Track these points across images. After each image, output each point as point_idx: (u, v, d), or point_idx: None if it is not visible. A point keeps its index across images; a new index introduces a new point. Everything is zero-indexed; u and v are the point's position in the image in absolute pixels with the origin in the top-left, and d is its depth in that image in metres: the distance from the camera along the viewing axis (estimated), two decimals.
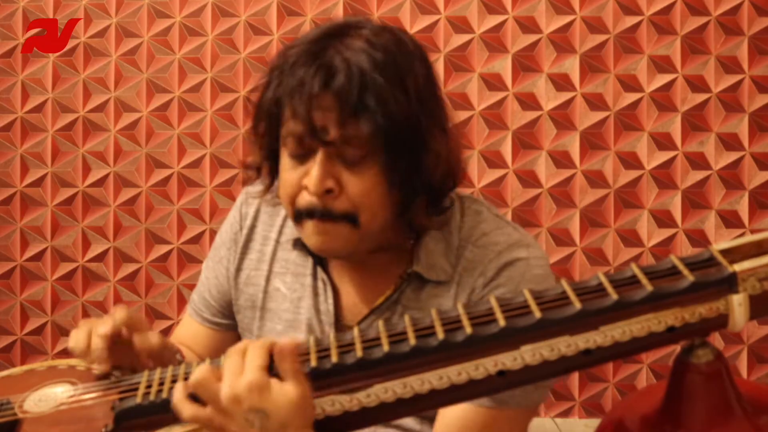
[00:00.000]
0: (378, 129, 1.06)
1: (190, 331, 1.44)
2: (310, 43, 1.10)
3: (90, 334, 1.10)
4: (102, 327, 1.09)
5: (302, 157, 1.10)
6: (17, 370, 1.12)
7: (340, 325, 1.25)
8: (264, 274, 1.31)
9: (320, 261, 1.26)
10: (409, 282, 1.21)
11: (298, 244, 1.24)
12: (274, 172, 1.20)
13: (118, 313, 1.13)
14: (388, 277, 1.23)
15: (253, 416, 0.86)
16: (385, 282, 1.23)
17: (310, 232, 1.13)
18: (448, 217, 1.23)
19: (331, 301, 1.25)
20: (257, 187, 1.28)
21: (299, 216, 1.13)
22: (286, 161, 1.13)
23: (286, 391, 0.87)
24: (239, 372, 0.88)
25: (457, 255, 1.21)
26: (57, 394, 1.03)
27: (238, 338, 1.39)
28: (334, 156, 1.09)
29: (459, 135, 1.23)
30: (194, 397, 0.90)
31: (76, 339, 1.10)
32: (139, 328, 1.15)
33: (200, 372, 0.88)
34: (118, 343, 1.11)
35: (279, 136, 1.14)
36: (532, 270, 1.19)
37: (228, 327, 1.40)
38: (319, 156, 1.08)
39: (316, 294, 1.26)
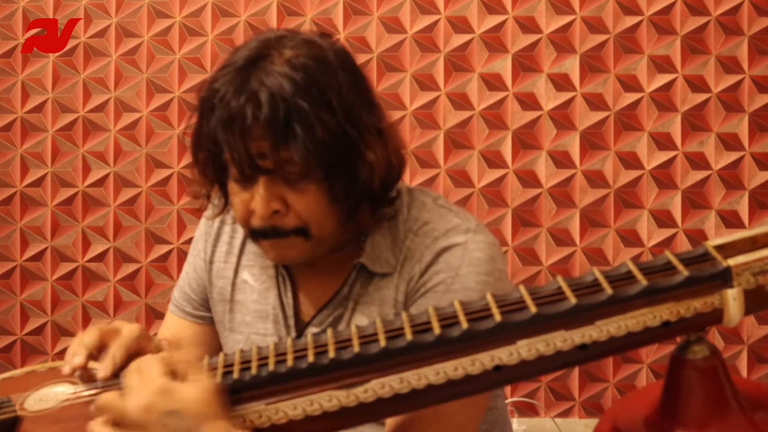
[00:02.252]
0: (309, 152, 1.09)
1: (173, 328, 1.44)
2: (236, 73, 1.11)
3: (88, 352, 1.09)
4: (102, 372, 1.06)
5: (246, 182, 1.13)
6: (18, 372, 1.13)
7: (298, 319, 1.29)
8: (232, 267, 1.34)
9: None
10: (358, 276, 1.24)
11: None
12: (225, 189, 1.23)
13: (117, 353, 1.08)
14: (341, 272, 1.26)
15: (166, 419, 0.87)
16: (337, 276, 1.26)
17: (266, 249, 1.19)
18: (395, 210, 1.26)
19: (290, 294, 1.28)
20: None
21: (253, 236, 1.18)
22: (233, 186, 1.16)
23: (189, 386, 0.88)
24: (141, 385, 0.88)
25: (401, 246, 1.24)
26: (57, 393, 1.03)
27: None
28: (276, 178, 1.12)
29: (395, 132, 1.24)
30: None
31: (74, 357, 1.08)
32: (137, 351, 1.13)
33: (103, 396, 0.89)
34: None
35: (222, 162, 1.16)
36: (471, 254, 1.20)
37: (209, 320, 1.41)
38: (261, 181, 1.12)
39: (281, 285, 1.30)
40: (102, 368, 1.06)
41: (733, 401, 0.90)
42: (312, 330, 1.27)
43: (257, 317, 1.30)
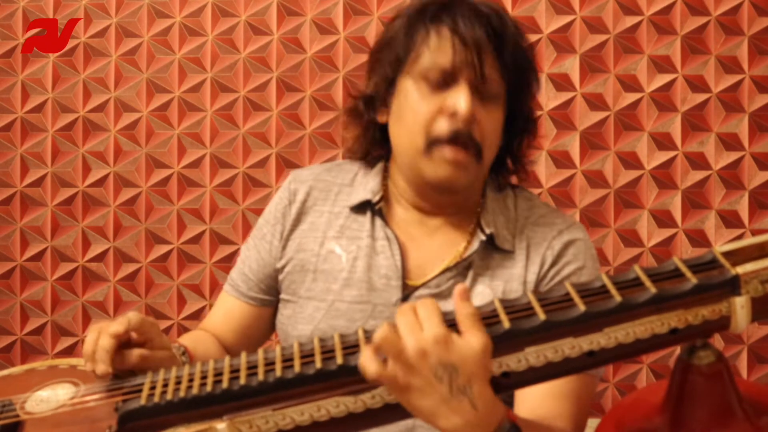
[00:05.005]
0: (520, 70, 1.26)
1: (224, 308, 1.50)
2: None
3: (100, 333, 1.10)
4: (114, 327, 1.09)
5: (440, 86, 1.22)
6: (17, 369, 1.12)
7: (404, 282, 1.31)
8: (318, 240, 1.38)
9: (382, 220, 1.35)
10: (479, 247, 1.30)
11: (356, 208, 1.36)
12: (374, 113, 1.34)
13: (133, 318, 1.13)
14: (453, 239, 1.33)
15: (441, 370, 0.86)
16: (451, 243, 1.33)
17: (443, 158, 1.23)
18: (503, 190, 1.38)
19: (398, 257, 1.31)
20: (307, 170, 1.46)
21: (433, 143, 1.23)
22: (418, 92, 1.24)
23: (470, 341, 0.86)
24: (418, 328, 0.87)
25: (516, 230, 1.33)
26: (59, 394, 1.03)
27: (271, 315, 1.47)
28: (474, 90, 1.21)
29: None
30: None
31: (88, 340, 1.10)
32: (149, 335, 1.14)
33: (384, 329, 0.88)
34: (124, 347, 1.10)
35: (398, 75, 1.27)
36: (590, 250, 1.34)
37: (263, 302, 1.46)
38: (464, 85, 1.21)
39: (373, 254, 1.33)
40: (115, 324, 1.09)
41: (738, 407, 0.91)
42: (422, 292, 1.30)
43: (344, 285, 1.33)
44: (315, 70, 2.73)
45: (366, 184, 1.38)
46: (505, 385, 0.87)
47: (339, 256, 1.35)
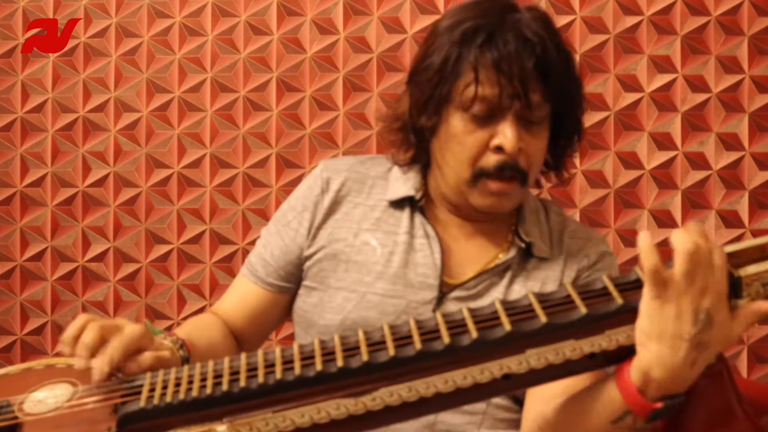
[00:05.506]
0: (571, 95, 1.27)
1: (240, 291, 1.49)
2: (490, 17, 1.23)
3: (90, 354, 1.08)
4: (97, 374, 1.05)
5: (484, 119, 1.23)
6: (14, 368, 1.12)
7: (442, 281, 1.33)
8: (353, 230, 1.38)
9: (424, 218, 1.36)
10: (518, 252, 1.33)
11: (394, 203, 1.37)
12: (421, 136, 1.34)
13: (115, 354, 1.07)
14: (493, 243, 1.36)
15: (703, 316, 0.85)
16: (489, 247, 1.35)
17: (486, 191, 1.26)
18: (534, 205, 1.40)
19: (438, 255, 1.32)
20: (339, 161, 1.45)
21: (479, 176, 1.25)
22: (463, 125, 1.24)
23: (735, 324, 0.87)
24: (712, 273, 0.85)
25: (555, 240, 1.36)
26: (57, 395, 1.02)
27: (287, 303, 1.47)
28: (521, 119, 1.22)
29: None
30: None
31: (71, 329, 1.10)
32: (137, 350, 1.11)
33: (694, 245, 0.85)
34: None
35: (445, 102, 1.26)
36: (616, 265, 1.39)
37: (280, 289, 1.45)
38: (510, 118, 1.21)
39: (411, 250, 1.34)
40: (98, 367, 1.05)
41: (738, 407, 0.91)
42: (458, 293, 1.32)
43: (378, 278, 1.33)
44: (315, 70, 2.73)
45: (407, 181, 1.39)
46: (506, 387, 0.87)
47: (374, 248, 1.36)
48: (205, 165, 2.76)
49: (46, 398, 1.02)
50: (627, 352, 0.83)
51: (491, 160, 1.23)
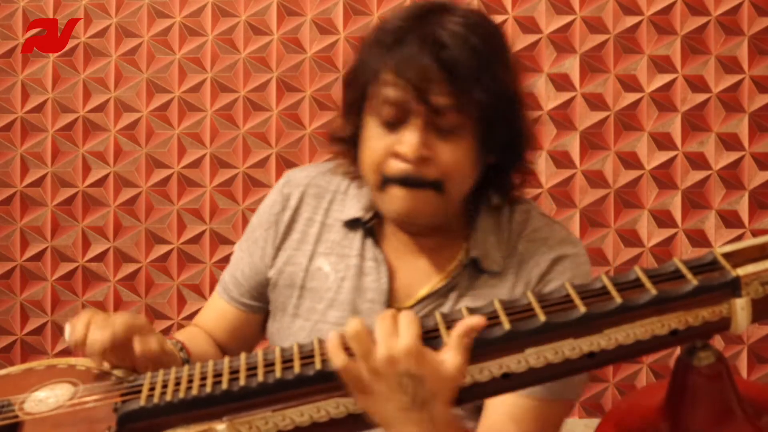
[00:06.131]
0: (484, 100, 1.12)
1: (216, 309, 1.46)
2: (410, 19, 1.16)
3: (88, 326, 1.09)
4: (100, 333, 1.07)
5: (394, 125, 1.15)
6: (16, 368, 1.12)
7: (389, 306, 1.26)
8: (307, 254, 1.32)
9: (374, 240, 1.29)
10: (466, 269, 1.24)
11: (348, 223, 1.29)
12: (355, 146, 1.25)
13: (119, 322, 1.10)
14: (441, 262, 1.26)
15: (407, 381, 0.85)
16: (438, 266, 1.26)
17: (395, 197, 1.17)
18: (498, 206, 1.29)
19: (385, 279, 1.26)
20: (302, 171, 1.38)
21: (385, 182, 1.17)
22: (373, 130, 1.17)
23: (445, 360, 0.86)
24: (394, 335, 0.87)
25: (509, 247, 1.26)
26: (57, 395, 1.02)
27: (262, 321, 1.41)
28: (429, 125, 1.13)
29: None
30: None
31: (75, 331, 1.10)
32: (140, 333, 1.12)
33: (356, 324, 0.87)
34: (116, 346, 1.10)
35: (363, 107, 1.19)
36: (580, 266, 1.25)
37: (254, 309, 1.41)
38: (416, 123, 1.13)
39: (361, 274, 1.27)
40: (99, 334, 1.07)
41: (738, 408, 0.91)
42: None
43: (329, 306, 1.29)
44: (315, 70, 2.73)
45: (360, 198, 1.31)
46: (504, 387, 0.87)
47: (327, 274, 1.30)
48: (205, 165, 2.76)
49: (47, 398, 1.02)
50: (625, 351, 0.83)
51: (393, 167, 1.15)
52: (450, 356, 0.86)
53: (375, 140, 1.17)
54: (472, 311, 0.89)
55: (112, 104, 2.78)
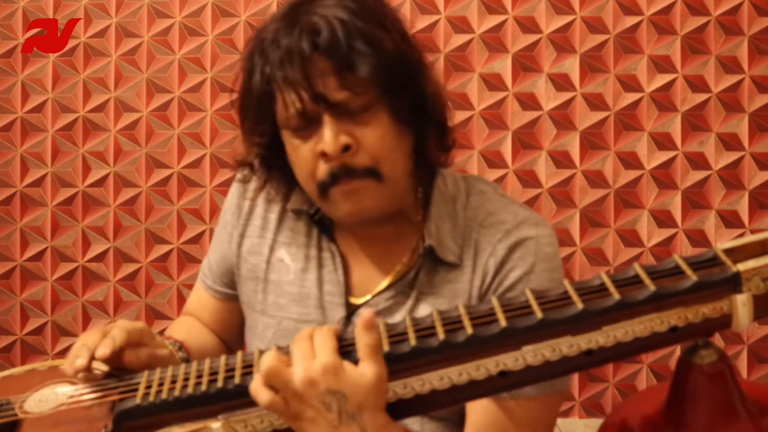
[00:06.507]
0: (376, 71, 1.06)
1: (197, 297, 1.43)
2: (283, 18, 1.10)
3: (91, 354, 1.06)
4: (100, 351, 1.05)
5: (308, 129, 1.09)
6: (18, 369, 1.12)
7: (347, 300, 1.22)
8: (268, 243, 1.28)
9: (327, 231, 1.24)
10: (424, 262, 1.18)
11: (304, 213, 1.24)
12: (272, 162, 1.20)
13: (117, 334, 1.08)
14: (398, 251, 1.22)
15: (329, 398, 0.85)
16: (395, 256, 1.22)
17: (338, 198, 1.12)
18: (453, 194, 1.22)
19: (341, 272, 1.22)
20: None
21: (324, 188, 1.11)
22: (292, 143, 1.12)
23: (363, 371, 0.85)
24: (311, 356, 0.86)
25: (464, 236, 1.19)
26: (57, 394, 1.02)
27: (240, 309, 1.36)
28: (341, 114, 1.08)
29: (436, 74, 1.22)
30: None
31: (76, 359, 1.06)
32: (138, 343, 1.10)
33: (269, 359, 0.86)
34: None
35: (275, 122, 1.13)
36: (543, 248, 1.17)
37: (229, 297, 1.38)
38: (326, 119, 1.07)
39: (321, 266, 1.23)
40: (101, 347, 1.04)
41: (741, 406, 0.90)
42: (364, 311, 1.17)
43: (292, 300, 1.24)
44: None
45: None
46: (502, 386, 0.86)
47: (288, 266, 1.25)
48: (205, 165, 2.76)
49: (47, 397, 1.02)
50: (624, 349, 0.82)
51: (324, 170, 1.10)
52: (365, 365, 0.85)
53: (298, 151, 1.12)
54: (469, 311, 0.88)
55: (112, 104, 2.77)
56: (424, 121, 1.15)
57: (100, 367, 1.07)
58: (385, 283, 1.21)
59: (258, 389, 0.87)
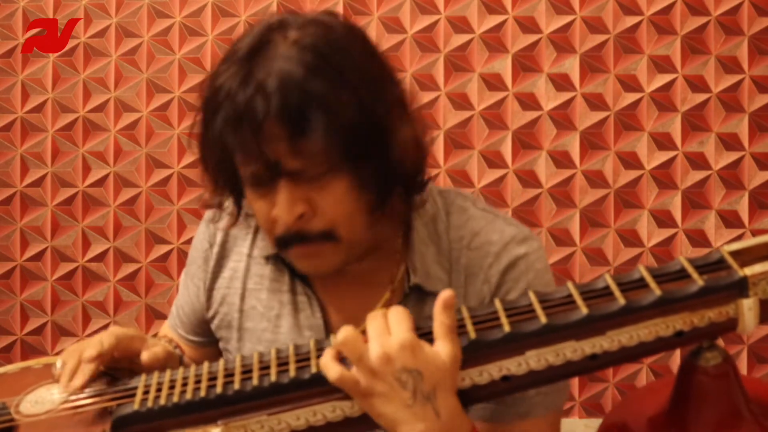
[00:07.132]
0: (332, 140, 0.96)
1: (173, 336, 1.37)
2: (239, 64, 0.99)
3: (79, 361, 1.04)
4: (87, 352, 1.03)
5: (263, 187, 1.02)
6: (13, 367, 1.11)
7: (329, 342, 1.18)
8: (238, 293, 1.22)
9: (299, 274, 1.17)
10: (410, 296, 1.13)
11: (272, 258, 1.18)
12: (240, 197, 1.13)
13: (106, 338, 1.06)
14: (378, 287, 1.15)
15: (405, 376, 0.83)
16: (375, 292, 1.15)
17: (295, 257, 1.07)
18: (433, 215, 1.16)
19: (319, 315, 1.16)
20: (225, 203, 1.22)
21: (281, 245, 1.06)
22: (251, 195, 1.05)
23: (440, 350, 0.84)
24: (386, 332, 0.85)
25: (451, 260, 1.14)
26: (53, 396, 1.02)
27: (217, 352, 1.30)
28: (297, 179, 0.99)
29: (415, 105, 1.11)
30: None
31: (65, 366, 1.05)
32: (131, 351, 1.09)
33: (346, 331, 0.85)
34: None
35: (235, 167, 1.05)
36: (534, 265, 1.13)
37: (203, 344, 1.32)
38: (281, 185, 1.00)
39: (296, 310, 1.18)
40: (89, 348, 1.03)
41: (745, 408, 0.89)
42: None
43: (269, 347, 1.17)
44: None
45: None
46: (505, 389, 0.86)
47: (261, 313, 1.19)
48: None
49: (43, 398, 1.01)
50: (628, 353, 0.82)
51: (279, 230, 1.03)
52: (441, 345, 0.84)
53: (256, 205, 1.05)
54: (471, 312, 0.88)
55: (112, 104, 2.77)
56: (389, 183, 1.05)
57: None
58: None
59: (328, 363, 0.86)
